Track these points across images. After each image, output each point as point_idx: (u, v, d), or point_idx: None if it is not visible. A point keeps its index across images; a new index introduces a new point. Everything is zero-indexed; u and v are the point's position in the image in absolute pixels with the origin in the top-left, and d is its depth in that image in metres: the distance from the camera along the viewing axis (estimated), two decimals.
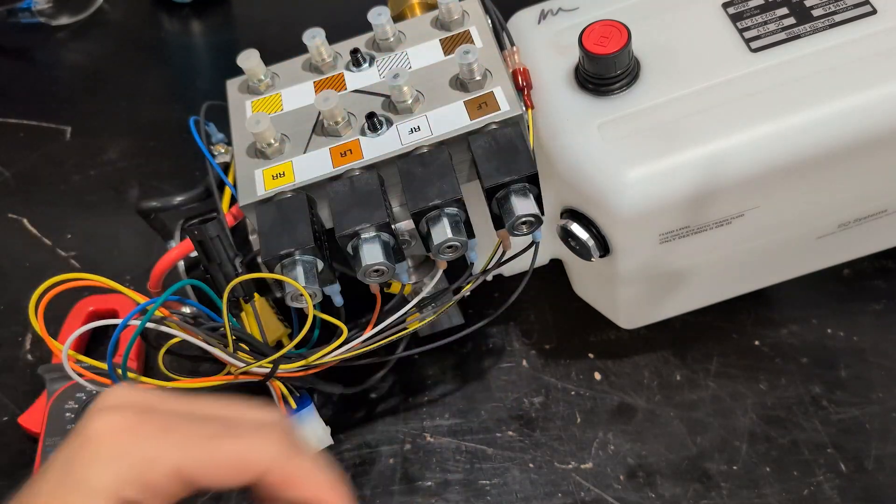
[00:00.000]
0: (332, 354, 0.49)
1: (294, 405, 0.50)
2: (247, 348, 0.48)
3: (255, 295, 0.54)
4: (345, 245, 0.45)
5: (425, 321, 0.51)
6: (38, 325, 0.41)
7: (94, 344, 0.64)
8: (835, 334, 0.59)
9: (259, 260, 0.52)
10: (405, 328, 0.50)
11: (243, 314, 0.51)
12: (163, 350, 0.47)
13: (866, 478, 0.54)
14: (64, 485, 0.31)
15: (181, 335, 0.45)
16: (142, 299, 0.44)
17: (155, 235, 0.57)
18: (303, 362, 0.48)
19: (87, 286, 0.42)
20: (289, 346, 0.48)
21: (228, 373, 0.47)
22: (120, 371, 0.44)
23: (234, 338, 0.46)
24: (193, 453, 0.33)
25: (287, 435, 0.35)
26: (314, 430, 0.51)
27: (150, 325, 0.44)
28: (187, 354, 0.49)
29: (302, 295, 0.44)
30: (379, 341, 0.49)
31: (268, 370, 0.47)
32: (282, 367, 0.48)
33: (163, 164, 0.73)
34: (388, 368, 0.55)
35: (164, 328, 0.44)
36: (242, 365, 0.46)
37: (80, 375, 0.44)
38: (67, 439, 0.33)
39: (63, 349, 0.42)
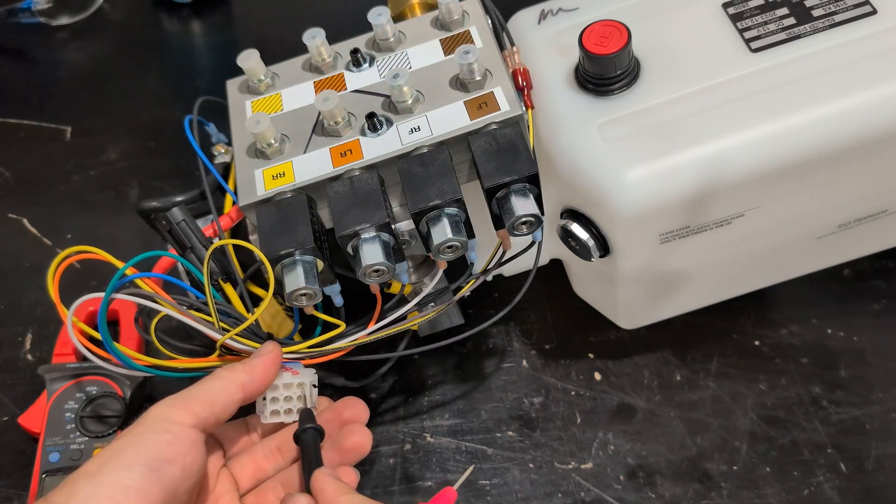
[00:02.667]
0: (331, 344, 0.49)
1: None
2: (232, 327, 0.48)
3: (264, 293, 0.54)
4: (345, 245, 0.45)
5: (425, 317, 0.51)
6: (53, 290, 0.45)
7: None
8: (835, 334, 0.59)
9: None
10: (405, 324, 0.50)
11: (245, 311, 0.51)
12: (153, 323, 0.47)
13: (866, 478, 0.54)
14: None
15: (164, 309, 0.46)
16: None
17: (155, 235, 0.57)
18: (300, 345, 0.48)
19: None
20: (260, 309, 0.47)
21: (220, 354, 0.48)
22: (119, 350, 0.46)
23: (217, 311, 0.47)
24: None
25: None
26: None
27: (138, 300, 0.46)
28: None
29: (303, 295, 0.44)
30: (378, 333, 0.49)
31: (252, 350, 0.47)
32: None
33: (163, 164, 0.73)
34: (389, 365, 0.55)
35: (151, 304, 0.46)
36: (223, 335, 0.47)
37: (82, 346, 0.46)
38: None
39: (69, 313, 0.45)
